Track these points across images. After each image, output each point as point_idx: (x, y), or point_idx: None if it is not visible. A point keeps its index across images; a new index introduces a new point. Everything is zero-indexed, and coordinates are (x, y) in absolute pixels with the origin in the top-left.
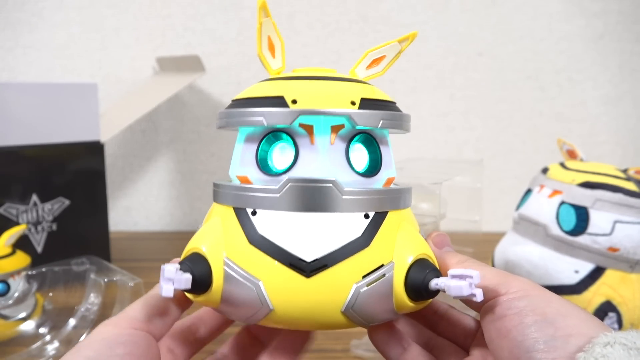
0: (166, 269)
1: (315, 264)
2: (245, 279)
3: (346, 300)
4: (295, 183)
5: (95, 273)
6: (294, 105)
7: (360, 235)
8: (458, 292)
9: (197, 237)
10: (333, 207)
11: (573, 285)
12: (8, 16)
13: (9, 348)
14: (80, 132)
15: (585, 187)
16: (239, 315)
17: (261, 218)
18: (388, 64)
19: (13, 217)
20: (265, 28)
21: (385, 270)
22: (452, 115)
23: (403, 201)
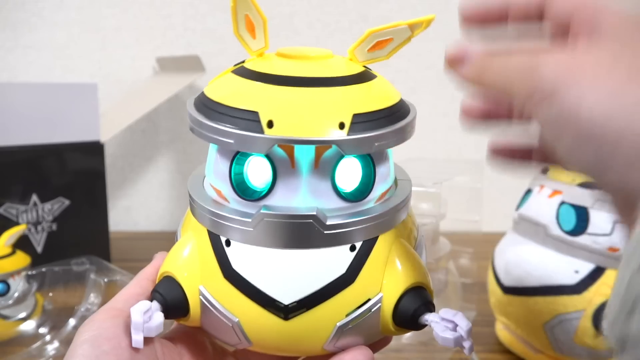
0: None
1: (294, 307)
2: (221, 314)
3: (328, 339)
4: (270, 218)
5: (95, 273)
6: (270, 130)
7: (345, 271)
8: (445, 343)
9: (171, 258)
10: (313, 243)
11: (573, 285)
12: (8, 16)
13: (9, 348)
14: (80, 132)
15: (585, 187)
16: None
17: (235, 251)
18: (395, 48)
19: (13, 217)
20: (241, 6)
21: (372, 305)
22: (452, 115)
23: (396, 219)
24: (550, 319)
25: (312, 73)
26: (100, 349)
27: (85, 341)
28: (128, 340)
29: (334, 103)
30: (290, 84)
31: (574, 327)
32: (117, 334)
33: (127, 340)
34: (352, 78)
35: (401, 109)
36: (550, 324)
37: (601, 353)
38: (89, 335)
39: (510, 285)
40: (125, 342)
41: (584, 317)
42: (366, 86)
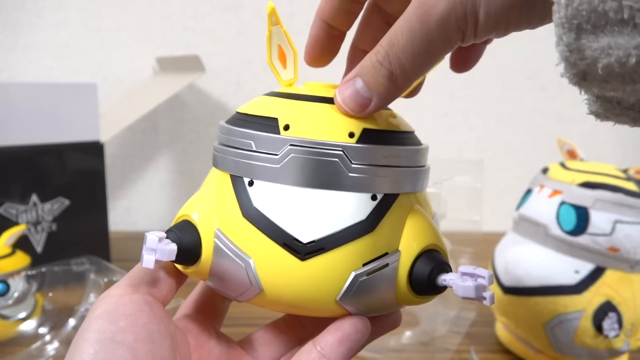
0: (148, 237)
1: (312, 247)
2: (236, 254)
3: (342, 289)
4: (297, 154)
5: (95, 273)
6: (286, 132)
7: (365, 218)
8: (466, 293)
9: (190, 204)
10: (337, 184)
11: (573, 285)
12: (8, 16)
13: (9, 348)
14: (80, 132)
15: (585, 187)
16: (228, 292)
17: (258, 189)
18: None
19: (13, 217)
20: (275, 36)
21: (390, 260)
22: (452, 115)
23: (418, 183)
24: (550, 319)
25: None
26: (117, 325)
27: (100, 316)
28: (145, 318)
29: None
30: (309, 100)
31: (574, 327)
32: (135, 311)
33: (144, 318)
34: None
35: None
36: (550, 324)
37: (601, 353)
38: (104, 310)
39: (510, 285)
40: (143, 320)
41: (584, 317)
42: (381, 112)
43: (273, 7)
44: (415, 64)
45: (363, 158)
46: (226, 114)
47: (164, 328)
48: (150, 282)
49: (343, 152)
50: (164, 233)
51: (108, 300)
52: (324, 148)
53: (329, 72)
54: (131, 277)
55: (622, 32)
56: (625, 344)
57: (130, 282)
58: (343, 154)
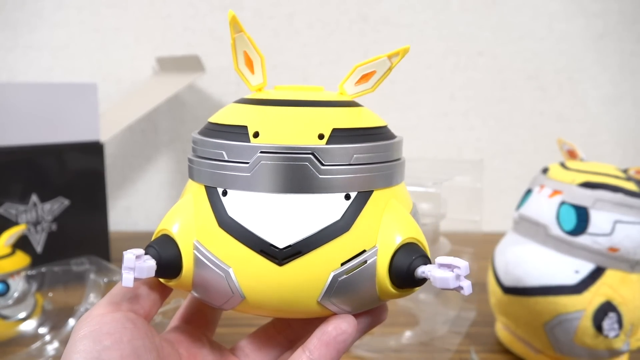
0: (126, 256)
1: (288, 251)
2: (215, 265)
3: (323, 290)
4: (267, 161)
5: (95, 273)
6: (255, 139)
7: (340, 218)
8: (443, 284)
9: (167, 218)
10: (309, 187)
11: (573, 285)
12: (8, 16)
13: (9, 348)
14: (80, 132)
15: (585, 187)
16: (212, 301)
17: (232, 199)
18: (378, 80)
19: (12, 217)
20: (239, 43)
21: (367, 257)
22: (452, 115)
23: (392, 177)
24: (550, 319)
25: (300, 97)
26: (102, 344)
27: (85, 336)
28: (129, 335)
29: (315, 118)
30: (277, 105)
31: (574, 327)
32: (118, 328)
33: (128, 335)
34: (336, 102)
35: (385, 133)
36: (550, 324)
37: (601, 353)
38: (88, 331)
39: (510, 285)
40: (127, 337)
41: (584, 317)
42: (349, 109)
43: (233, 14)
44: None
45: (333, 159)
46: None
47: (149, 342)
48: (131, 298)
49: (312, 154)
50: (142, 250)
51: (91, 320)
52: (293, 152)
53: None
54: (112, 295)
55: None
56: (625, 344)
57: (111, 300)
58: (312, 157)
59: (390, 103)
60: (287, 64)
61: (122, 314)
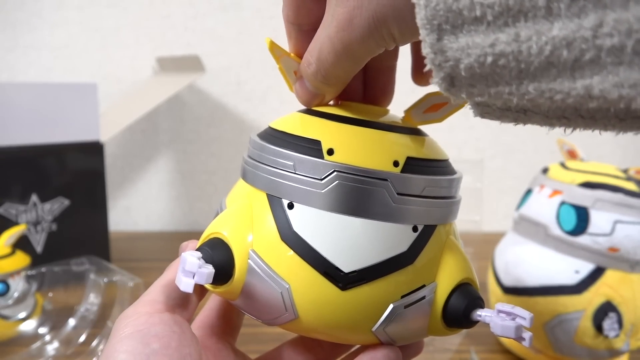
0: (188, 260)
1: (353, 277)
2: (272, 279)
3: (380, 320)
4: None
5: (95, 273)
6: (330, 156)
7: (407, 250)
8: (505, 332)
9: (221, 220)
10: (381, 214)
11: (573, 285)
12: (8, 16)
13: (9, 348)
14: (80, 132)
15: (585, 187)
16: (258, 315)
17: (299, 213)
18: (450, 112)
19: (12, 217)
20: (286, 66)
21: (426, 292)
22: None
23: (453, 214)
24: (550, 319)
25: (371, 118)
26: (150, 347)
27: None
28: (177, 341)
29: (391, 144)
30: (350, 123)
31: (574, 327)
32: (167, 332)
33: (176, 340)
34: (407, 129)
35: (450, 167)
36: (550, 324)
37: (601, 353)
38: (135, 330)
39: (510, 285)
40: (175, 342)
41: (584, 317)
42: (420, 139)
43: (270, 40)
44: (345, 74)
45: (407, 188)
46: (226, 114)
47: (194, 350)
48: (178, 300)
49: (389, 181)
50: (199, 253)
51: (138, 318)
52: (371, 177)
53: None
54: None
55: (477, 31)
56: (625, 344)
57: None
58: (389, 184)
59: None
60: None
61: (169, 315)
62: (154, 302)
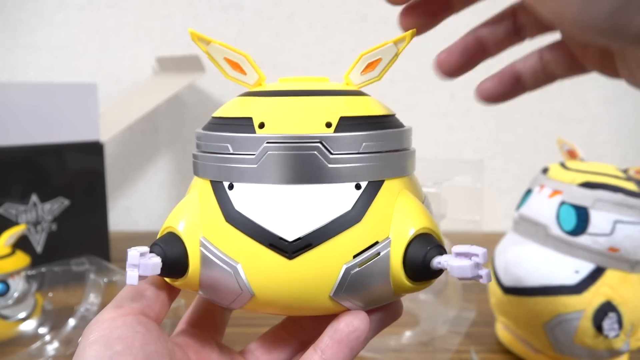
0: (130, 253)
1: (298, 244)
2: (223, 261)
3: (335, 284)
4: (274, 151)
5: (95, 273)
6: (261, 130)
7: (351, 208)
8: (461, 273)
9: (173, 215)
10: (318, 177)
11: (573, 285)
12: (8, 16)
13: (9, 348)
14: (80, 132)
15: (585, 187)
16: (220, 300)
17: (239, 192)
18: (385, 67)
19: (13, 217)
20: (215, 53)
21: (380, 248)
22: (452, 115)
23: (403, 168)
24: (550, 319)
25: (305, 88)
26: (113, 349)
27: (96, 341)
28: (141, 339)
29: (322, 107)
30: (282, 95)
31: (574, 327)
32: (129, 332)
33: (140, 339)
34: (343, 92)
35: (394, 121)
36: (550, 324)
37: (601, 353)
38: (99, 335)
39: (510, 285)
40: (139, 341)
41: (584, 317)
42: (356, 98)
43: (192, 31)
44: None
45: (342, 147)
46: None
47: (162, 347)
48: (140, 300)
49: (320, 143)
50: (147, 247)
51: (101, 324)
52: (301, 142)
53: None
54: (121, 298)
55: None
56: (625, 344)
57: (120, 302)
58: (321, 146)
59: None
60: (287, 64)
61: (132, 317)
62: (117, 308)
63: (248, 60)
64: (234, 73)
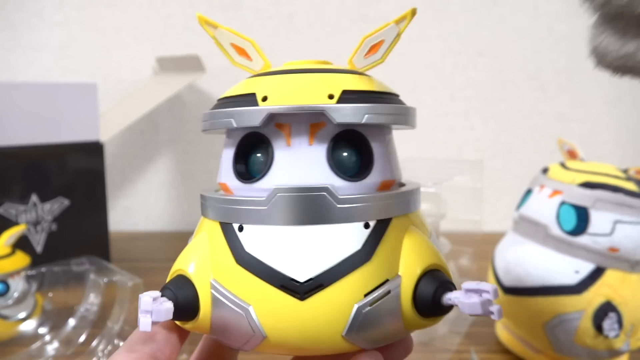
0: (142, 299)
1: (310, 285)
2: (234, 303)
3: (347, 323)
4: (283, 193)
5: (95, 273)
6: (264, 102)
7: (360, 247)
8: (473, 309)
9: (183, 257)
10: (328, 218)
11: (573, 285)
12: (8, 16)
13: (9, 348)
14: (80, 132)
15: (585, 187)
16: (232, 342)
17: (249, 234)
18: (387, 49)
19: (13, 217)
20: (222, 38)
21: (391, 286)
22: (452, 115)
23: (409, 205)
24: (550, 319)
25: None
26: None
27: None
28: None
29: (327, 82)
30: (287, 73)
31: (574, 327)
32: None
33: None
34: (346, 70)
35: (397, 99)
36: (550, 324)
37: (601, 353)
38: None
39: (510, 285)
40: None
41: (584, 317)
42: (361, 76)
43: (200, 15)
44: None
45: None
46: None
47: None
48: (151, 344)
49: (329, 187)
50: (158, 292)
51: None
52: (310, 187)
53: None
54: (131, 341)
55: None
56: (625, 344)
57: (130, 346)
58: (329, 189)
59: None
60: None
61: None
62: (129, 352)
63: (254, 46)
64: (240, 59)
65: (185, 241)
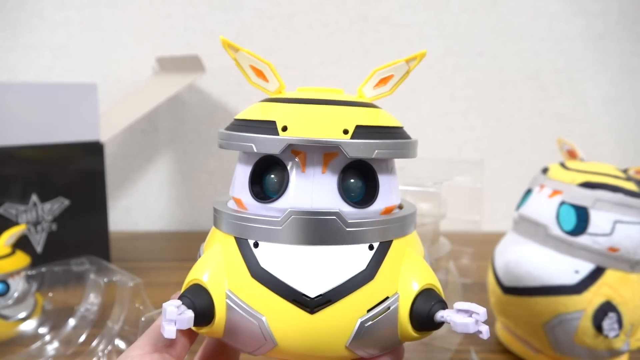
0: (168, 310)
1: (320, 300)
2: (248, 313)
3: (351, 335)
4: (298, 216)
5: (95, 273)
6: (284, 132)
7: (365, 268)
8: (464, 329)
9: (198, 267)
10: (337, 240)
11: (573, 285)
12: (8, 16)
13: (9, 348)
14: (80, 132)
15: (585, 187)
16: (243, 347)
17: (264, 251)
18: (396, 83)
19: (12, 217)
20: (242, 61)
21: (390, 303)
22: (452, 115)
23: (407, 227)
24: (550, 319)
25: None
26: None
27: None
28: None
29: (342, 115)
30: (304, 103)
31: (574, 327)
32: None
33: None
34: (358, 103)
35: (403, 133)
36: (550, 324)
37: (601, 353)
38: None
39: (510, 285)
40: None
41: (584, 317)
42: (370, 109)
43: (223, 39)
44: None
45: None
46: (226, 114)
47: None
48: (166, 341)
49: (339, 212)
50: (179, 301)
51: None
52: (322, 211)
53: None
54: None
55: None
56: (625, 344)
57: (148, 341)
58: (339, 214)
59: (391, 103)
60: (287, 64)
61: (158, 355)
62: (144, 346)
63: (271, 68)
64: (257, 80)
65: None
